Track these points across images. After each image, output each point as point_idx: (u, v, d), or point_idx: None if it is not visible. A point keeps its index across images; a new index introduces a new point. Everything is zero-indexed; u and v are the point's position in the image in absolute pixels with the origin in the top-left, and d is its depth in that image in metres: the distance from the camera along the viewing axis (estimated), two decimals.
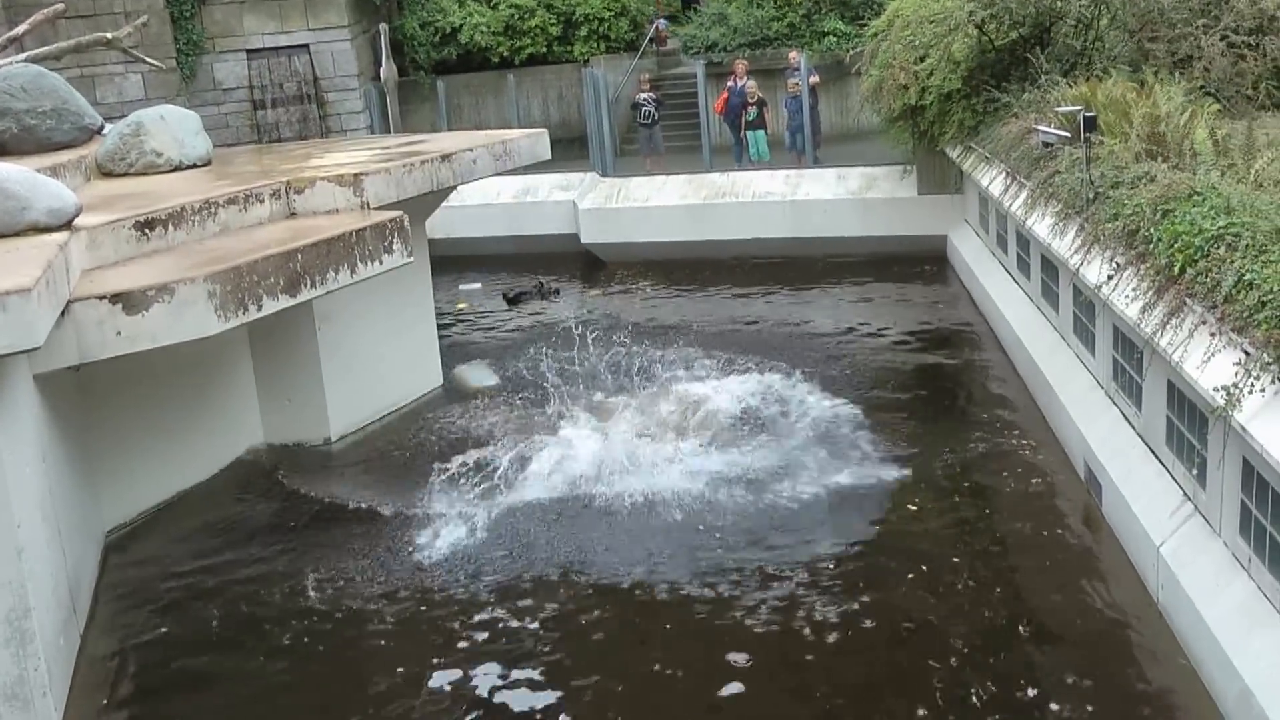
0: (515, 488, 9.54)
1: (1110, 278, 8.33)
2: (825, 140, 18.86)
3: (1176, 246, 7.46)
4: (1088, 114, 9.57)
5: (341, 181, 10.38)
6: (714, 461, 9.72)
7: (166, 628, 8.04)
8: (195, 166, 11.61)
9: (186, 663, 7.62)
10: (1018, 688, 6.68)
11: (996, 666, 6.90)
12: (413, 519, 9.33)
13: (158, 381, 9.57)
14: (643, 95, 19.41)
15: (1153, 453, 7.97)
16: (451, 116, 20.70)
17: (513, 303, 16.28)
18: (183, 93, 19.87)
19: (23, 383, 7.40)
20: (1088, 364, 9.66)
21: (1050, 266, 10.79)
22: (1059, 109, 10.76)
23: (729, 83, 18.87)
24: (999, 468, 9.50)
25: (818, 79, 18.34)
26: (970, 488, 9.19)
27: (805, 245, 16.91)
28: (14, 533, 6.64)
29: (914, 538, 8.49)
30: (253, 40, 20.55)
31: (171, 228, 9.19)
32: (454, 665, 7.35)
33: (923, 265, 16.09)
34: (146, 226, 9.00)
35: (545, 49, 21.94)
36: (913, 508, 8.94)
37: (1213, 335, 6.69)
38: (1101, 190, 9.18)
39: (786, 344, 13.25)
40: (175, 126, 11.64)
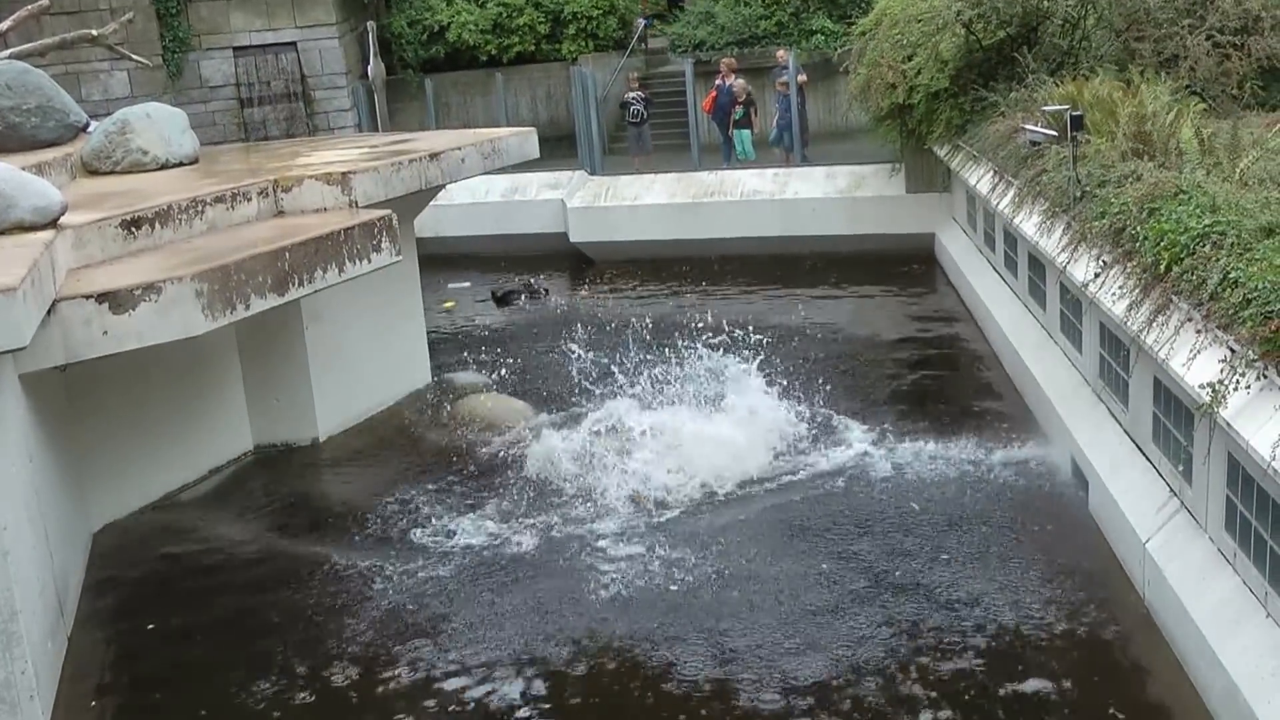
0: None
1: (1097, 276, 8.37)
2: (813, 139, 18.89)
3: (1162, 245, 7.50)
4: (1074, 113, 9.60)
5: (329, 180, 10.35)
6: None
7: (155, 629, 8.02)
8: (182, 165, 11.56)
9: (175, 665, 7.59)
10: (1002, 683, 6.71)
11: (981, 662, 6.93)
12: (409, 519, 9.34)
13: (145, 381, 9.54)
14: (631, 94, 19.41)
15: (1139, 449, 8.01)
16: (439, 115, 20.67)
17: (501, 302, 16.26)
18: (169, 90, 19.79)
19: (8, 383, 7.36)
20: (1075, 361, 9.70)
21: (1037, 265, 10.83)
22: (1046, 108, 10.79)
23: (716, 81, 18.88)
24: (985, 464, 9.53)
25: (805, 78, 18.37)
26: (958, 483, 9.22)
27: (794, 244, 16.93)
28: (0, 535, 6.60)
29: (901, 532, 8.50)
30: (240, 38, 20.48)
31: (158, 226, 9.15)
32: (459, 668, 7.35)
33: (911, 263, 16.13)
34: (133, 225, 8.96)
35: (533, 47, 21.92)
36: (901, 503, 8.98)
37: (1198, 333, 6.73)
38: (1088, 189, 9.22)
39: (779, 343, 13.27)
40: (162, 124, 11.59)
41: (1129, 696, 6.57)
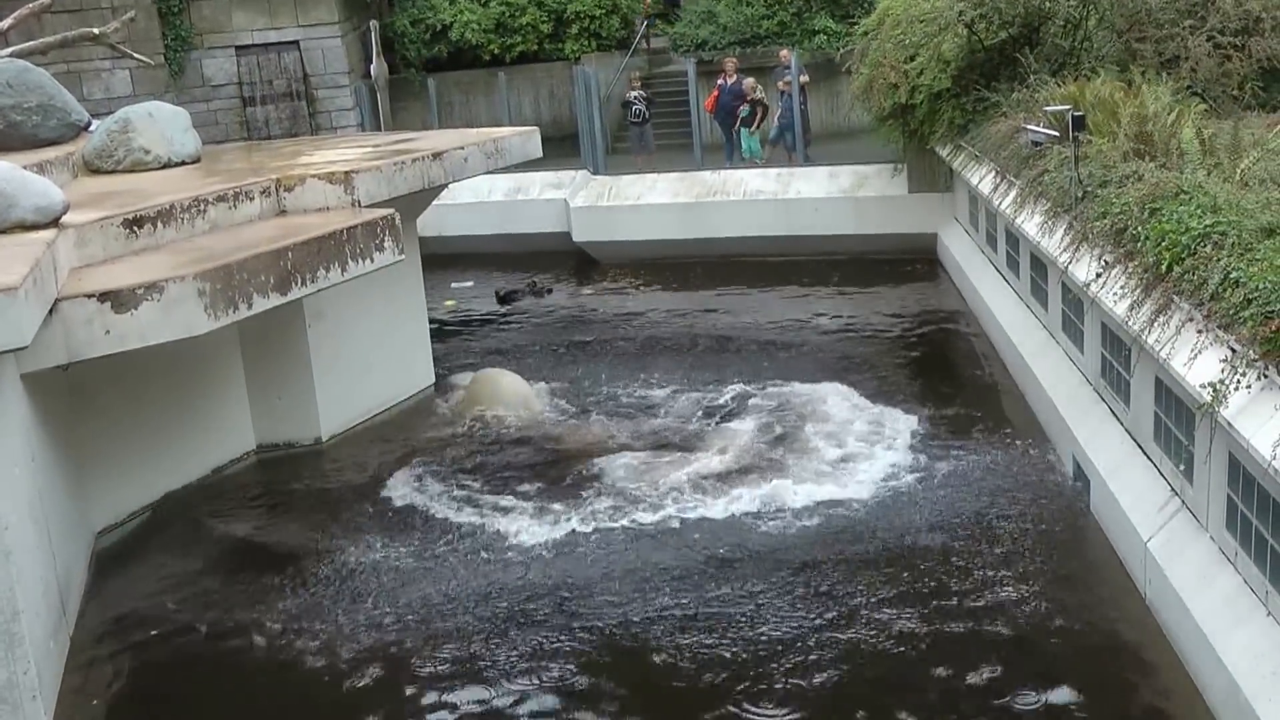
0: None
1: (1098, 276, 8.38)
2: (816, 139, 18.89)
3: (1164, 245, 7.50)
4: (1076, 113, 9.61)
5: (332, 179, 10.36)
6: None
7: (157, 630, 8.01)
8: (184, 164, 11.57)
9: (177, 665, 7.61)
10: (1005, 682, 6.71)
11: (980, 662, 6.93)
12: (408, 517, 9.35)
13: (147, 381, 9.55)
14: (633, 94, 19.42)
15: (1140, 449, 8.02)
16: (442, 114, 20.67)
17: (504, 301, 16.27)
18: (171, 89, 19.80)
19: (10, 382, 7.37)
20: (1076, 361, 9.71)
21: (1039, 265, 10.84)
22: (1048, 108, 10.80)
23: (719, 80, 18.88)
24: (987, 463, 9.53)
25: (807, 77, 18.37)
26: (959, 483, 9.22)
27: (796, 243, 16.94)
28: (2, 535, 6.60)
29: (904, 533, 8.51)
30: (242, 36, 20.49)
31: (160, 225, 9.16)
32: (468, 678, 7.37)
33: (913, 263, 16.14)
34: (135, 224, 8.97)
35: (536, 47, 21.92)
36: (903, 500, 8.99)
37: (1199, 332, 6.74)
38: (1089, 189, 9.23)
39: (777, 345, 13.30)
40: (164, 123, 11.60)
41: (1130, 695, 6.58)
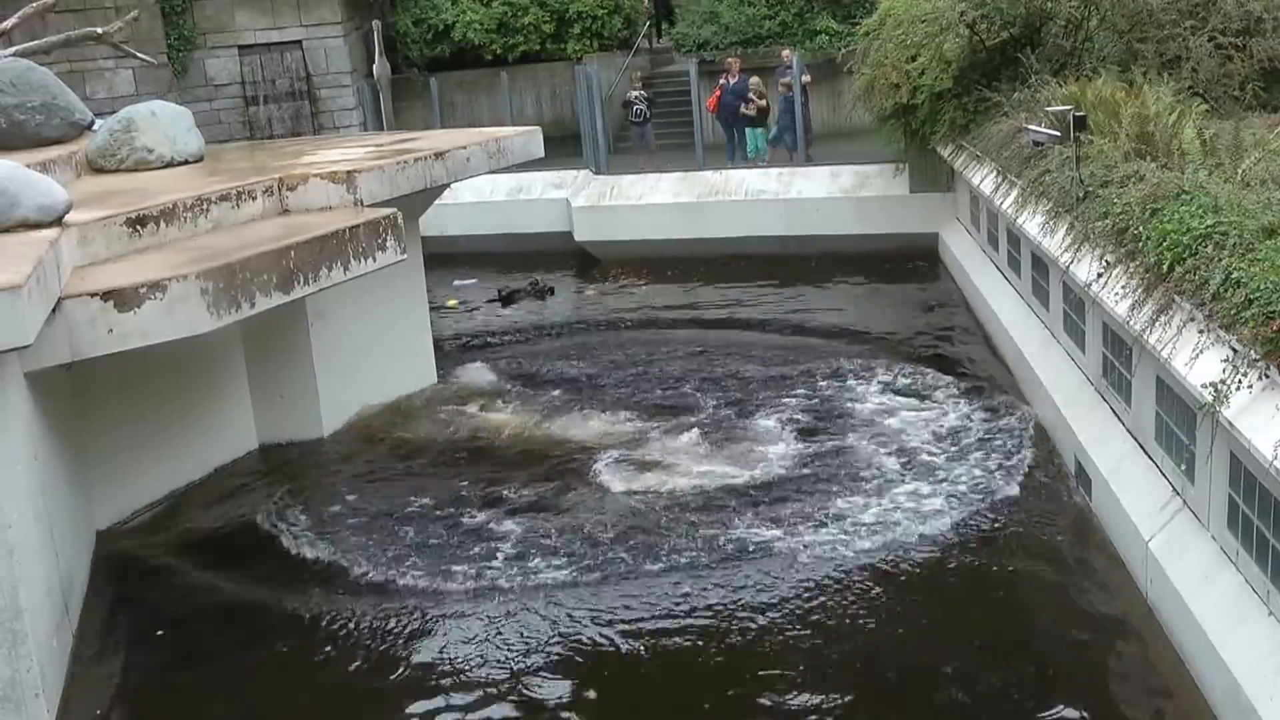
0: None
1: (1100, 276, 8.38)
2: (817, 139, 18.90)
3: (1165, 245, 7.51)
4: (1077, 113, 9.61)
5: (335, 178, 10.37)
6: None
7: (160, 628, 8.04)
8: (187, 163, 11.57)
9: (180, 663, 7.62)
10: (1005, 682, 6.73)
11: (980, 662, 6.95)
12: (409, 515, 9.38)
13: (150, 379, 9.56)
14: (634, 93, 19.44)
15: (1142, 448, 8.03)
16: (445, 114, 20.68)
17: (506, 301, 16.28)
18: (174, 88, 19.82)
19: (13, 381, 7.38)
20: (1078, 361, 9.71)
21: (1040, 264, 10.85)
22: (1049, 108, 10.81)
23: (721, 80, 18.89)
24: (989, 464, 9.54)
25: (809, 78, 18.39)
26: (961, 484, 9.23)
27: (798, 243, 16.95)
28: (5, 533, 6.62)
29: (904, 534, 8.53)
30: (245, 36, 20.51)
31: (163, 224, 9.16)
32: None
33: (915, 263, 16.15)
34: (138, 223, 8.98)
35: (538, 46, 21.94)
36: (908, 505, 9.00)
37: (1201, 332, 6.75)
38: (1091, 189, 9.24)
39: (779, 345, 13.31)
40: (166, 123, 11.61)
41: (1131, 695, 6.59)
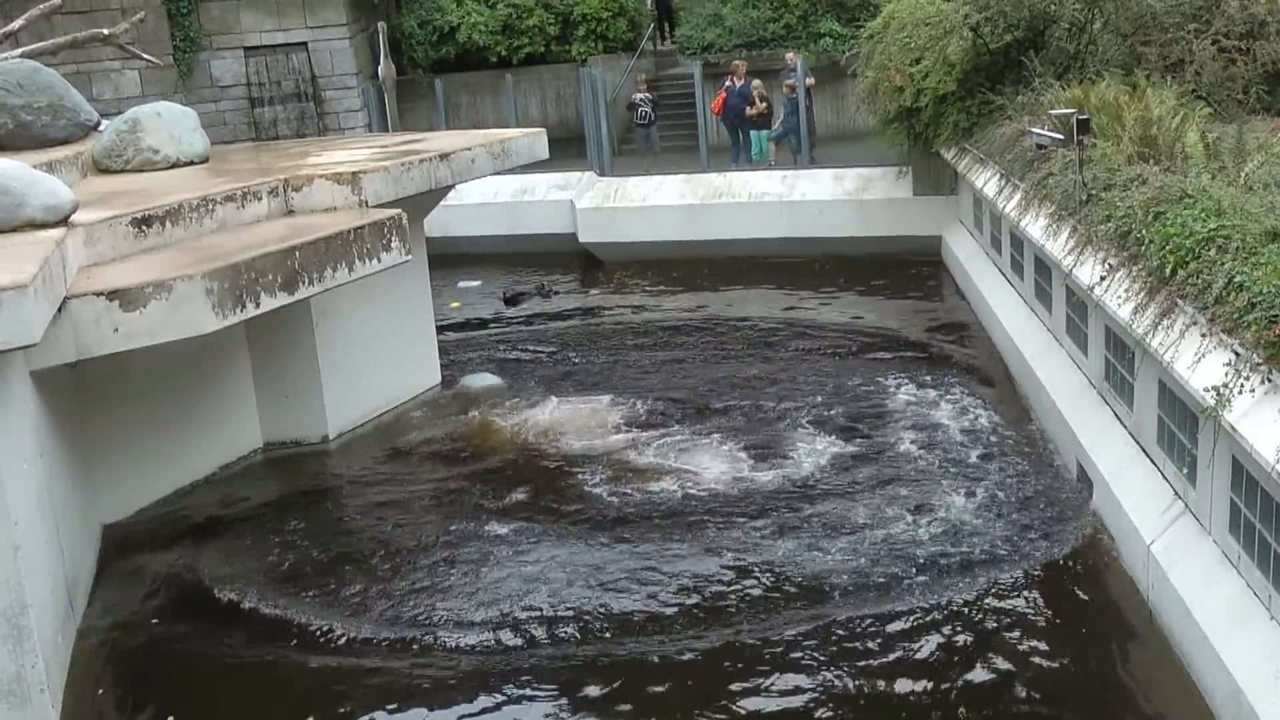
0: None
1: (1102, 279, 8.39)
2: (821, 141, 18.92)
3: (1168, 248, 7.52)
4: (1081, 117, 9.62)
5: (340, 179, 10.40)
6: None
7: (164, 625, 8.06)
8: (192, 164, 11.60)
9: (183, 660, 7.64)
10: (1004, 685, 6.73)
11: (982, 664, 6.96)
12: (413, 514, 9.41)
13: (155, 378, 9.59)
14: (639, 95, 19.47)
15: (1144, 452, 8.03)
16: (449, 115, 20.73)
17: (510, 302, 16.30)
18: (180, 89, 19.88)
19: (19, 379, 7.42)
20: (1080, 364, 9.72)
21: (1043, 268, 10.86)
22: (1052, 111, 10.82)
23: (726, 83, 18.92)
24: (990, 467, 9.55)
25: (813, 80, 18.40)
26: (963, 488, 9.23)
27: (802, 245, 16.97)
28: (11, 529, 6.65)
29: (907, 539, 8.53)
30: (250, 38, 20.57)
31: (169, 225, 9.19)
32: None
33: (918, 266, 16.16)
34: (144, 223, 9.01)
35: (543, 48, 21.98)
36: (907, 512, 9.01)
37: (1203, 336, 6.76)
38: (1094, 192, 9.24)
39: (781, 349, 13.34)
40: (172, 123, 11.63)
41: (1133, 699, 6.59)
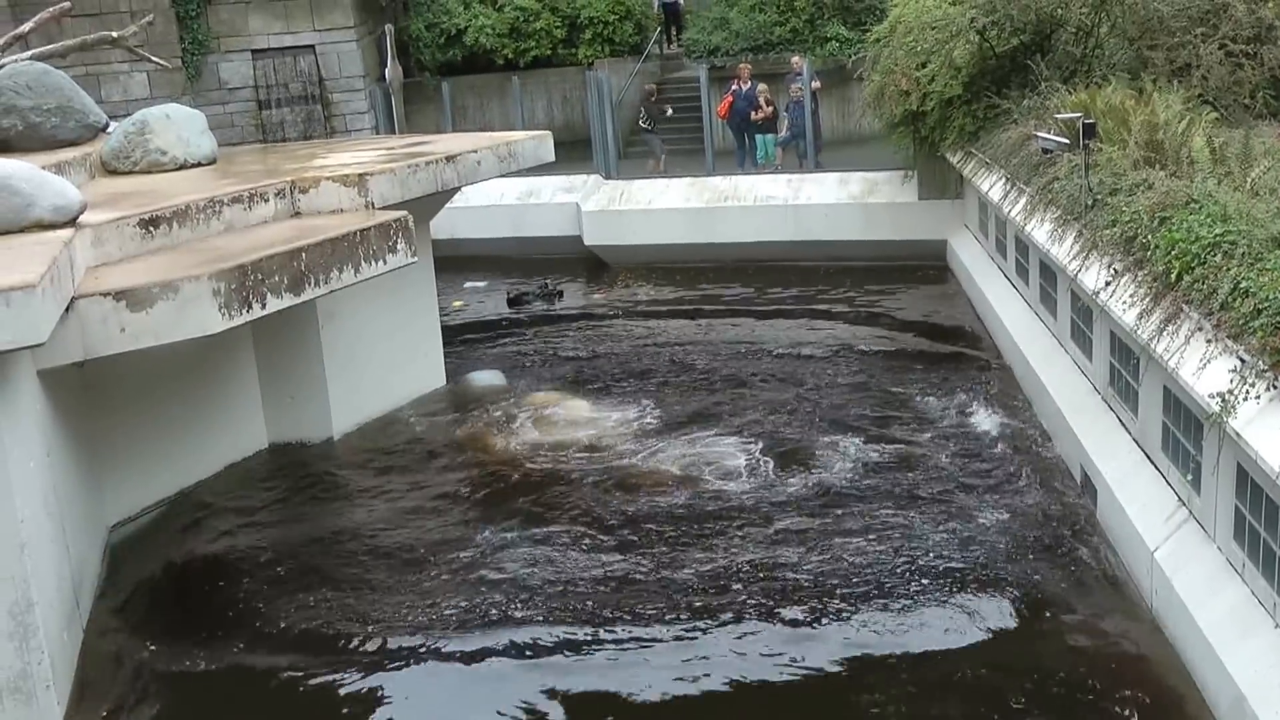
0: None
1: (1108, 284, 8.39)
2: (827, 145, 18.92)
3: (1174, 254, 7.52)
4: (1087, 121, 9.62)
5: (346, 181, 10.43)
6: None
7: (169, 624, 8.08)
8: (200, 165, 11.65)
9: (189, 659, 7.66)
10: (1007, 692, 6.73)
11: (987, 669, 6.95)
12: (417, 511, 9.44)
13: (162, 378, 9.63)
14: (642, 106, 19.53)
15: (1148, 458, 8.02)
16: (456, 118, 20.76)
17: (514, 304, 16.32)
18: (188, 92, 19.93)
19: (27, 378, 7.45)
20: (1085, 369, 9.71)
21: (1049, 272, 10.85)
22: (1059, 116, 10.81)
23: (732, 86, 18.94)
24: (994, 472, 9.54)
25: (819, 84, 18.41)
26: (968, 492, 9.23)
27: (807, 249, 16.97)
28: (17, 527, 6.69)
29: (910, 545, 8.53)
30: (258, 40, 20.62)
31: (176, 226, 9.23)
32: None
33: (923, 270, 16.16)
34: (151, 224, 9.04)
35: (550, 51, 22.02)
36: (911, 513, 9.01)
37: (1209, 342, 6.75)
38: (1100, 197, 9.24)
39: (787, 353, 13.35)
40: (180, 125, 11.68)
41: (1136, 706, 6.58)
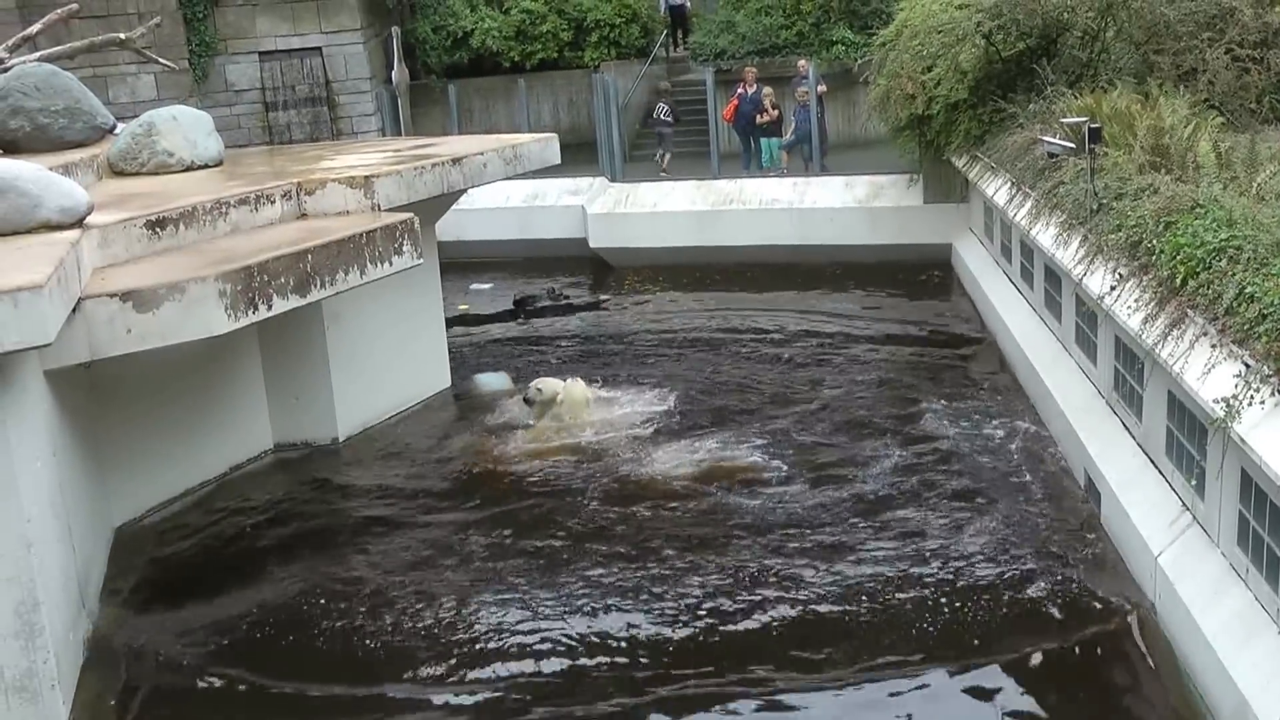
0: None
1: (1113, 289, 8.39)
2: (832, 148, 18.94)
3: (1179, 258, 7.52)
4: (1093, 125, 9.63)
5: (352, 183, 10.46)
6: None
7: (175, 623, 8.10)
8: (207, 167, 11.67)
9: (194, 659, 7.68)
10: (1012, 696, 6.73)
11: (988, 672, 6.96)
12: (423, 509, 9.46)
13: (167, 379, 9.66)
14: (663, 101, 19.70)
15: (1152, 463, 8.02)
16: (462, 120, 20.81)
17: (520, 305, 16.34)
18: (195, 93, 20.01)
19: (34, 378, 7.48)
20: (1089, 374, 9.71)
21: (1053, 276, 10.85)
22: (1064, 120, 10.82)
23: (738, 90, 18.96)
24: (999, 475, 9.54)
25: (825, 88, 18.44)
26: (971, 495, 9.23)
27: (812, 252, 16.98)
28: (24, 526, 6.71)
29: (918, 544, 8.53)
30: (265, 42, 20.70)
31: (183, 227, 9.25)
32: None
33: (928, 273, 16.16)
34: (158, 225, 9.07)
35: (556, 54, 22.06)
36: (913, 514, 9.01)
37: (1213, 347, 6.75)
38: (1105, 201, 9.24)
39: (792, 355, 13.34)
40: (187, 127, 11.71)
41: (1139, 711, 6.58)
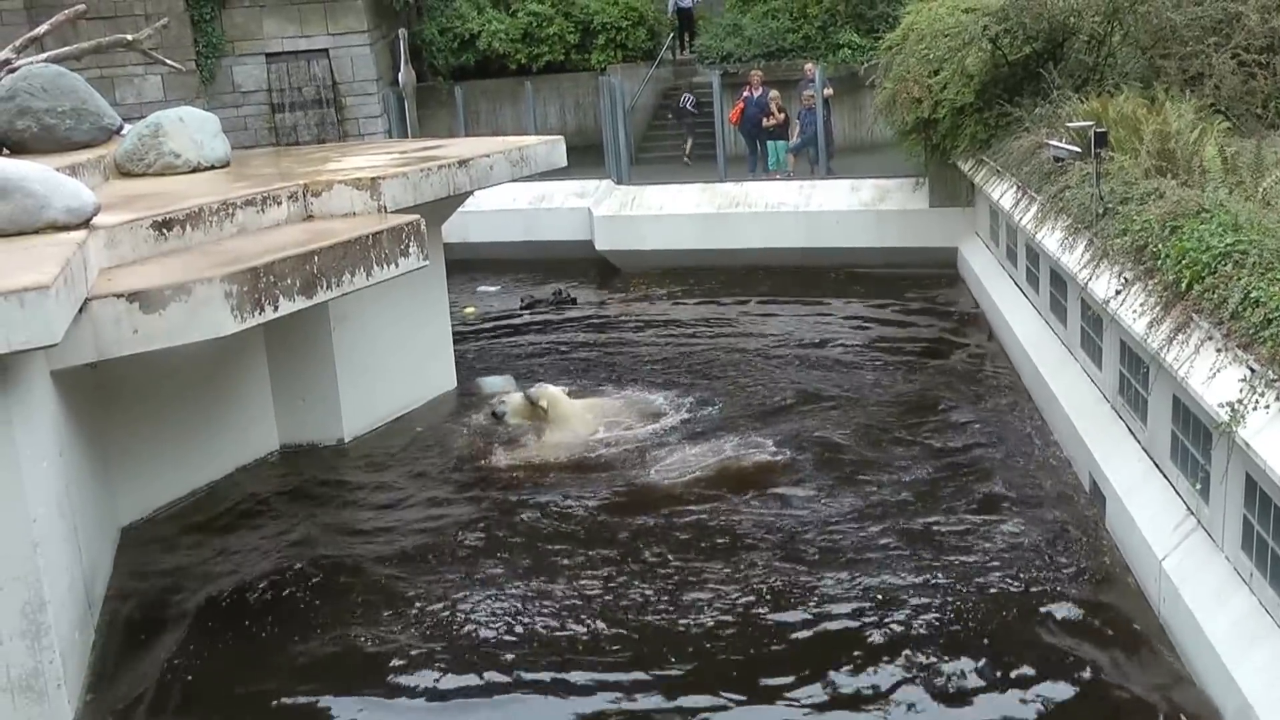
0: None
1: (1118, 293, 8.39)
2: (839, 152, 18.95)
3: (1184, 263, 7.52)
4: (1099, 129, 9.62)
5: (359, 185, 10.48)
6: None
7: (180, 624, 8.10)
8: (213, 168, 11.71)
9: (199, 659, 7.69)
10: (1016, 700, 6.73)
11: (996, 679, 6.95)
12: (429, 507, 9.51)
13: (174, 380, 9.68)
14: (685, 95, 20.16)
15: (1157, 467, 8.01)
16: (469, 122, 20.85)
17: (527, 309, 16.34)
18: (202, 95, 20.07)
19: (40, 379, 7.50)
20: (1094, 378, 9.70)
21: (1059, 280, 10.84)
22: (1070, 124, 10.82)
23: (744, 93, 18.98)
24: (1004, 479, 9.53)
25: (831, 91, 18.44)
26: (976, 500, 9.22)
27: (818, 255, 16.98)
28: (30, 527, 6.74)
29: (923, 549, 8.53)
30: (272, 44, 20.75)
31: (189, 228, 9.28)
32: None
33: (934, 277, 16.15)
34: (164, 226, 9.09)
35: (563, 56, 22.10)
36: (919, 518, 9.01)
37: (1218, 351, 6.75)
38: (1111, 206, 9.24)
39: (798, 358, 13.34)
40: (194, 128, 11.75)
41: (1143, 715, 6.57)
